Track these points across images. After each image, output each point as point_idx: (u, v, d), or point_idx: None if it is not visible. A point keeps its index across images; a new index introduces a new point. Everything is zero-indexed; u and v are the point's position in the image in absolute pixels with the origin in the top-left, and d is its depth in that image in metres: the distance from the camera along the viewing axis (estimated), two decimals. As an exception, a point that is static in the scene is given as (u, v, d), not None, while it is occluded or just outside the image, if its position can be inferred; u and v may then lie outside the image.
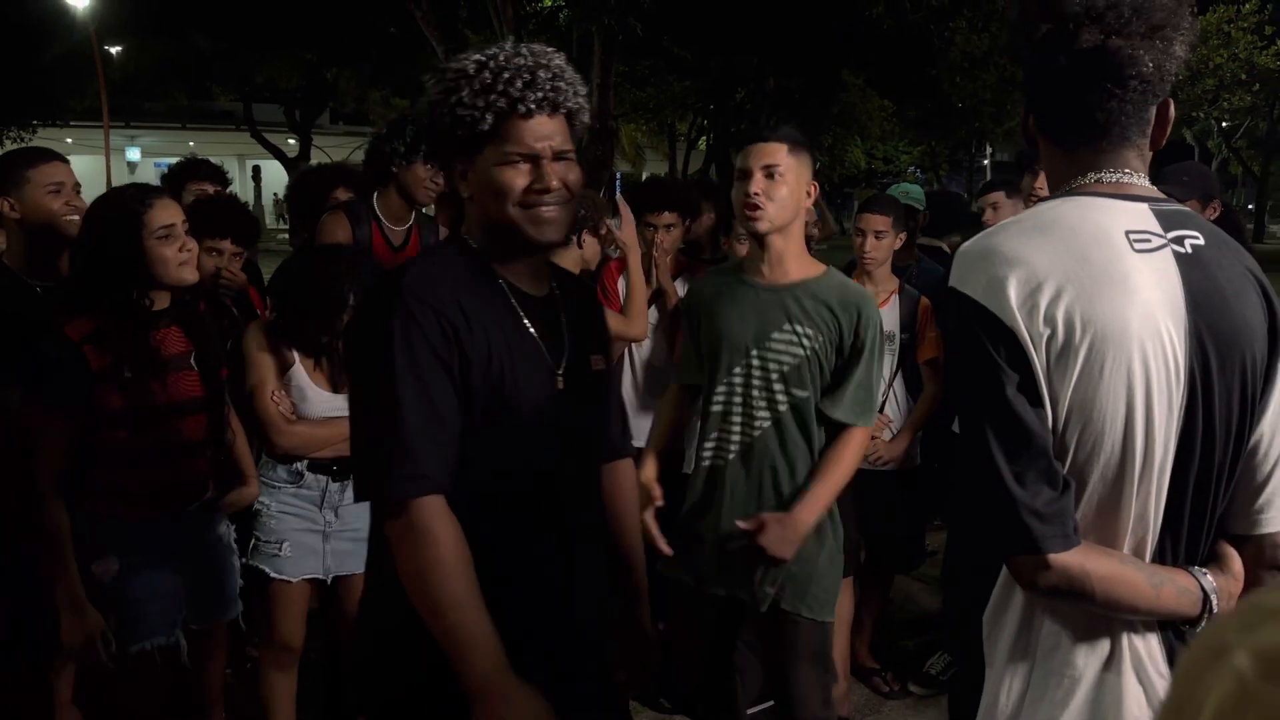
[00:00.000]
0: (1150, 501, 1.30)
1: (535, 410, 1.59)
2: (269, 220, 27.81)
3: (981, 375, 1.27)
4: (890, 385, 3.49)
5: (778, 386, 2.38)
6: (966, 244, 1.35)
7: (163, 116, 32.68)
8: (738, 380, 2.42)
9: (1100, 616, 1.31)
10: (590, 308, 1.85)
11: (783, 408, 2.39)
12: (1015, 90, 21.00)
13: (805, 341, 2.37)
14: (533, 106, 1.54)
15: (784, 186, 2.33)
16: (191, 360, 2.43)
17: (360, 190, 3.58)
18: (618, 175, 27.38)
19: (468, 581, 1.46)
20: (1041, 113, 1.40)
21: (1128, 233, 1.29)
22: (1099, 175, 1.36)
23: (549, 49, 1.59)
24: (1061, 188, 1.39)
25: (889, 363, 3.48)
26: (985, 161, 36.65)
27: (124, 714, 2.40)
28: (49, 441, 2.24)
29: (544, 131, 1.56)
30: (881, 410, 3.48)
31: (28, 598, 2.37)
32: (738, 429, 2.43)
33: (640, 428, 3.52)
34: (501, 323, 1.58)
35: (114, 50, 22.78)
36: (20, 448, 2.25)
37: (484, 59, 1.54)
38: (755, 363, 2.40)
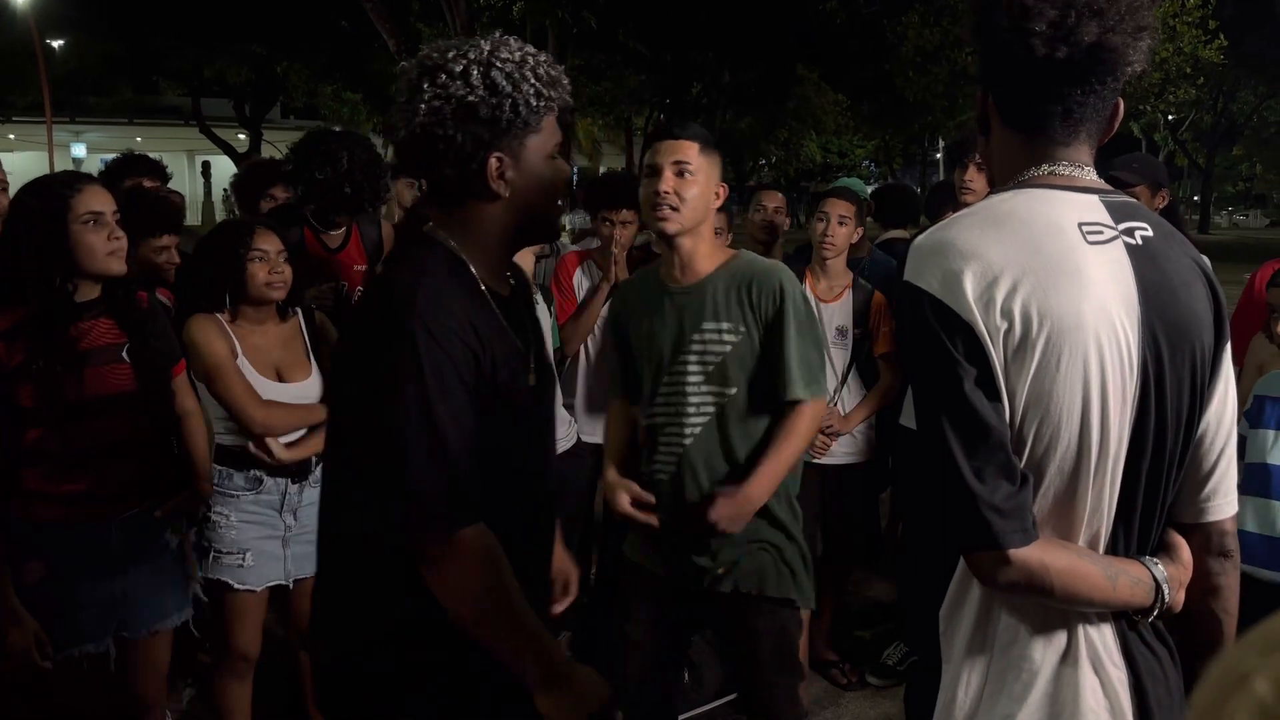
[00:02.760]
0: (1105, 492, 1.30)
1: (522, 414, 1.63)
2: (219, 216, 27.37)
3: (939, 370, 1.26)
4: (844, 380, 3.51)
5: (706, 389, 2.30)
6: (920, 238, 1.34)
7: (108, 112, 31.95)
8: (667, 391, 2.34)
9: (1057, 610, 1.31)
10: (532, 301, 1.84)
11: (711, 410, 2.30)
12: (967, 84, 21.20)
13: (727, 337, 2.29)
14: (572, 107, 1.64)
15: (695, 186, 2.26)
16: (124, 354, 2.32)
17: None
18: (575, 169, 27.28)
19: (520, 592, 1.53)
20: (1010, 99, 1.37)
21: (1080, 224, 1.30)
22: (1053, 167, 1.35)
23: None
24: (1013, 176, 1.38)
25: (842, 358, 3.50)
26: (938, 155, 37.01)
27: None
28: None
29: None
30: (834, 404, 3.50)
31: None
32: (671, 440, 2.34)
33: (592, 425, 3.53)
34: (497, 333, 1.57)
35: (56, 44, 22.26)
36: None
37: (526, 55, 1.54)
38: (680, 369, 2.31)
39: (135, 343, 2.36)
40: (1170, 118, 31.85)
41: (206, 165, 30.47)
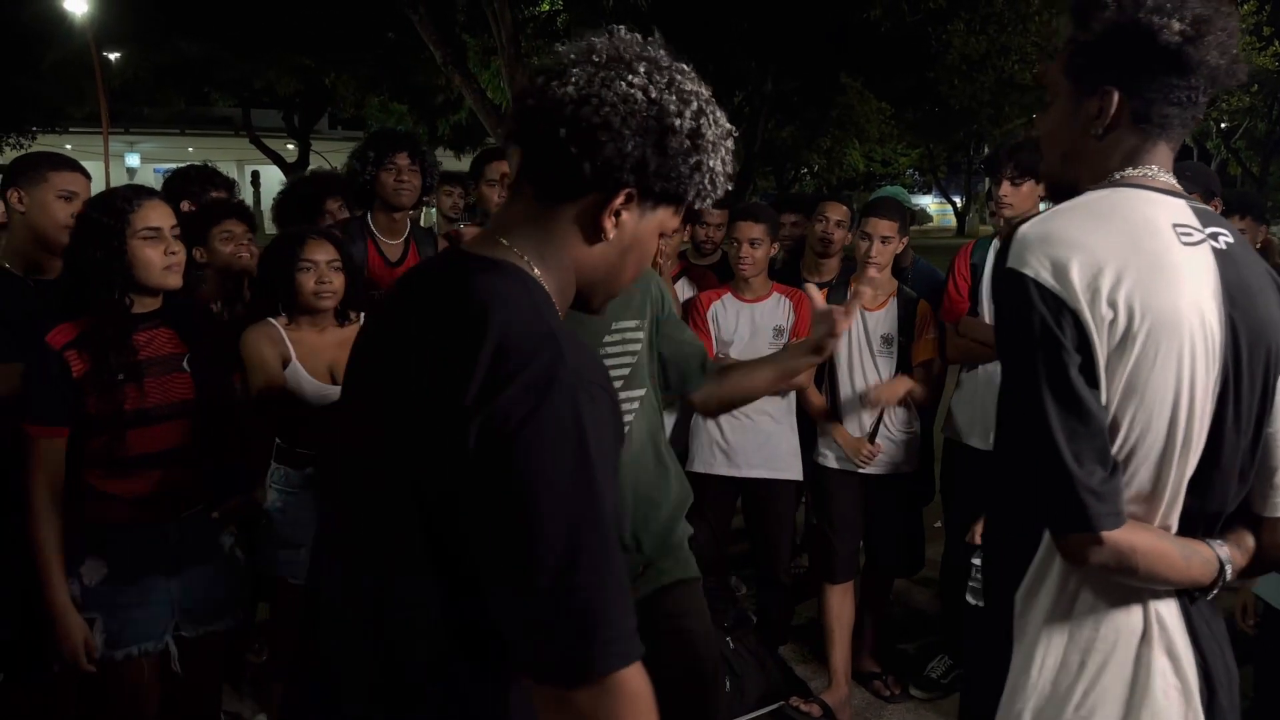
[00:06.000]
0: (1183, 480, 1.37)
1: None
2: (268, 225, 27.78)
3: (1044, 354, 1.31)
4: (889, 389, 3.48)
5: (625, 394, 2.15)
6: (1024, 228, 1.39)
7: (162, 122, 32.64)
8: None
9: (1130, 588, 1.38)
10: None
11: (629, 417, 2.17)
12: (1013, 93, 20.98)
13: (637, 334, 2.19)
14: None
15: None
16: (184, 363, 2.39)
17: (353, 204, 3.63)
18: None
19: None
20: (1154, 101, 1.41)
21: (1174, 225, 1.38)
22: (1148, 170, 1.44)
23: None
24: (1107, 175, 1.45)
25: (888, 366, 3.48)
26: (983, 164, 36.55)
27: (114, 719, 2.37)
28: (38, 453, 2.24)
29: None
30: (880, 419, 3.47)
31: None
32: None
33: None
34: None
35: (113, 56, 22.77)
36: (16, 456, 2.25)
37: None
38: None
39: (195, 353, 2.42)
40: (1223, 125, 31.26)
41: (256, 175, 31.02)
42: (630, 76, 1.15)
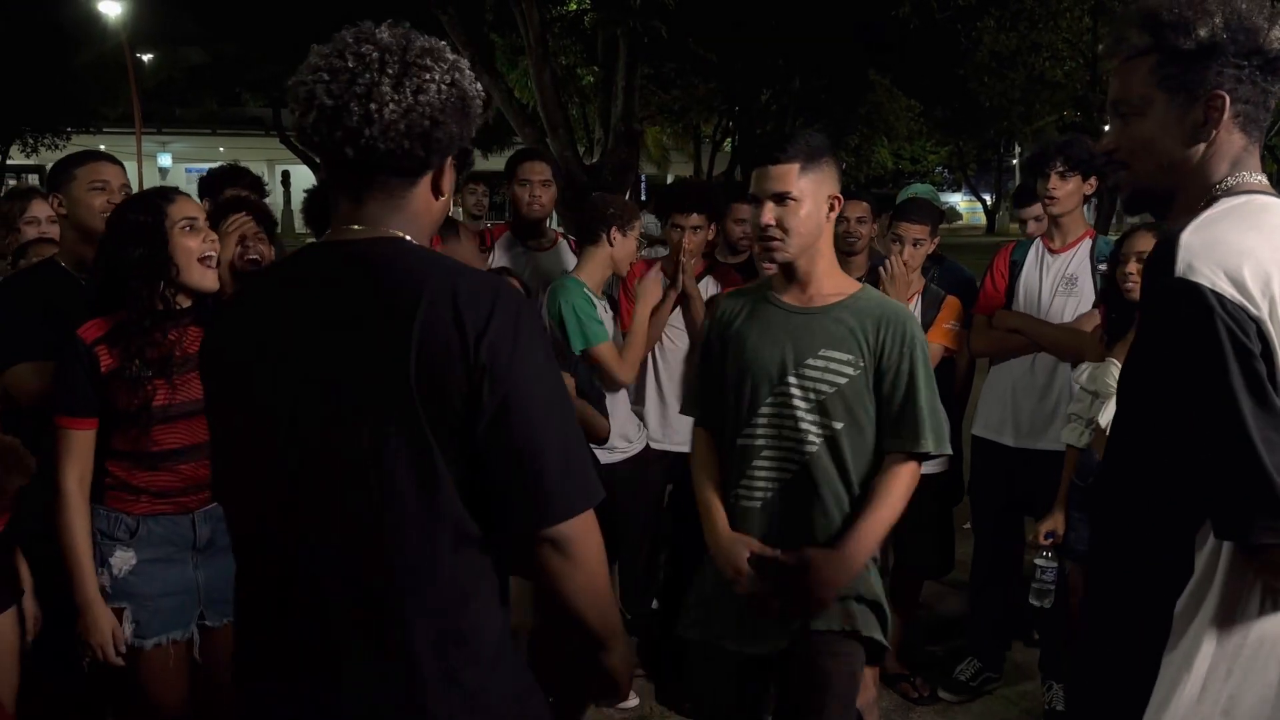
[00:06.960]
0: None
1: None
2: (298, 225, 28.04)
3: (1239, 367, 1.29)
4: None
5: (813, 418, 2.18)
6: (1186, 236, 1.37)
7: (194, 123, 33.02)
8: (770, 412, 2.21)
9: (1273, 595, 1.38)
10: None
11: (817, 442, 2.19)
12: (1043, 90, 20.78)
13: (845, 369, 2.18)
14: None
15: (799, 211, 2.16)
16: None
17: None
18: (643, 178, 27.36)
19: None
20: (1258, 106, 1.44)
21: None
22: (1257, 175, 1.46)
23: None
24: (1211, 182, 1.45)
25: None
26: (1014, 161, 36.32)
27: (144, 707, 2.40)
28: (68, 446, 2.27)
29: None
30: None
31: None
32: (770, 467, 2.22)
33: (662, 432, 3.57)
34: None
35: (146, 58, 23.04)
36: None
37: None
38: (792, 392, 2.19)
39: None
40: (1259, 122, 30.85)
41: (286, 175, 31.26)
42: (428, 75, 1.36)
